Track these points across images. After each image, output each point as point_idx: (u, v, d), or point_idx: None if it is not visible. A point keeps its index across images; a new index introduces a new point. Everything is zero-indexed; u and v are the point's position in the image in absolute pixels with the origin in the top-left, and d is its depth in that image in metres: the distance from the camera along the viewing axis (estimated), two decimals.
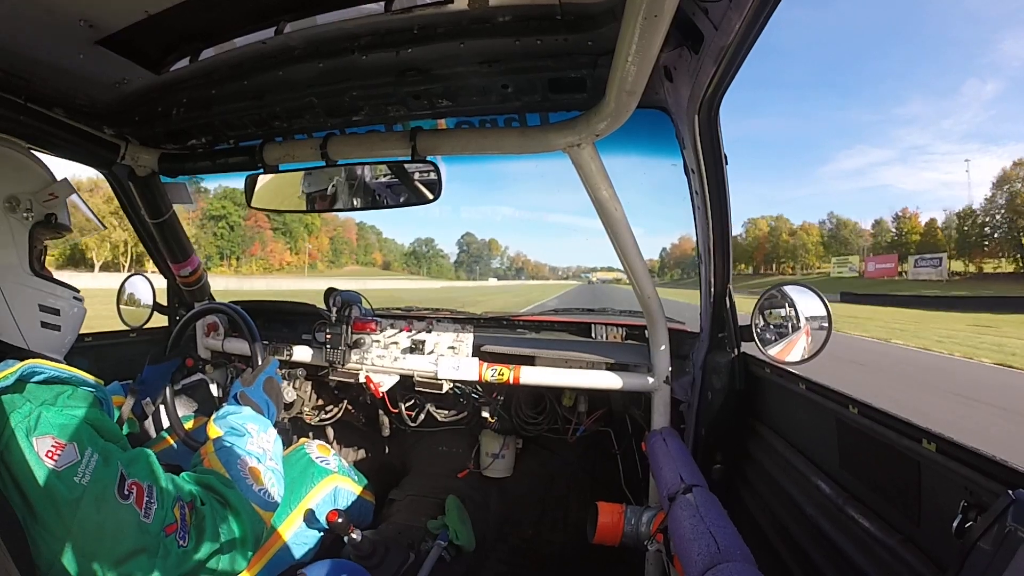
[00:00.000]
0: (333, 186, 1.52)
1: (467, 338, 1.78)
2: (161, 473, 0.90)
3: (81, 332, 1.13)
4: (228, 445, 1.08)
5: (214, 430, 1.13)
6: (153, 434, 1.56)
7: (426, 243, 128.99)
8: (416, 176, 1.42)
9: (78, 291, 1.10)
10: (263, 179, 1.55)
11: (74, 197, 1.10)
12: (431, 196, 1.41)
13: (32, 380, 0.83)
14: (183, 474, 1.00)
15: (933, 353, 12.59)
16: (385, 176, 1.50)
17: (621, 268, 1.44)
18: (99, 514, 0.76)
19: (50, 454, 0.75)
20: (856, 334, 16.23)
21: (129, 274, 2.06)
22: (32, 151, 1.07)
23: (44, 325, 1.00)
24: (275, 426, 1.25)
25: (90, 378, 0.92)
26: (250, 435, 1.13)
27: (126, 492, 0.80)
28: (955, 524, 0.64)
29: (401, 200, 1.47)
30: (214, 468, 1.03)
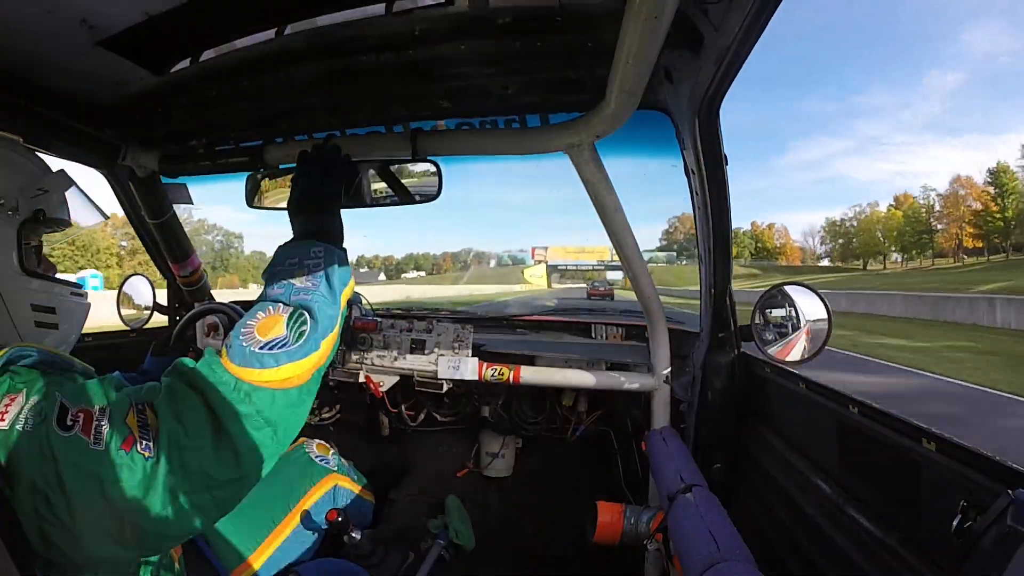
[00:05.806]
0: None
1: (467, 338, 1.78)
2: (114, 389, 0.77)
3: (82, 332, 1.12)
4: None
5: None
6: None
7: None
8: None
9: (79, 286, 1.07)
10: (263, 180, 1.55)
11: (73, 189, 1.07)
12: (431, 196, 1.41)
13: (20, 364, 0.78)
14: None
15: None
16: None
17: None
18: (44, 459, 0.67)
19: (1, 415, 0.69)
20: None
21: (129, 274, 2.06)
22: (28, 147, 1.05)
23: (39, 324, 0.97)
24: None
25: (82, 364, 0.88)
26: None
27: (68, 423, 0.70)
28: (955, 524, 0.64)
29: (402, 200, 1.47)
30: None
